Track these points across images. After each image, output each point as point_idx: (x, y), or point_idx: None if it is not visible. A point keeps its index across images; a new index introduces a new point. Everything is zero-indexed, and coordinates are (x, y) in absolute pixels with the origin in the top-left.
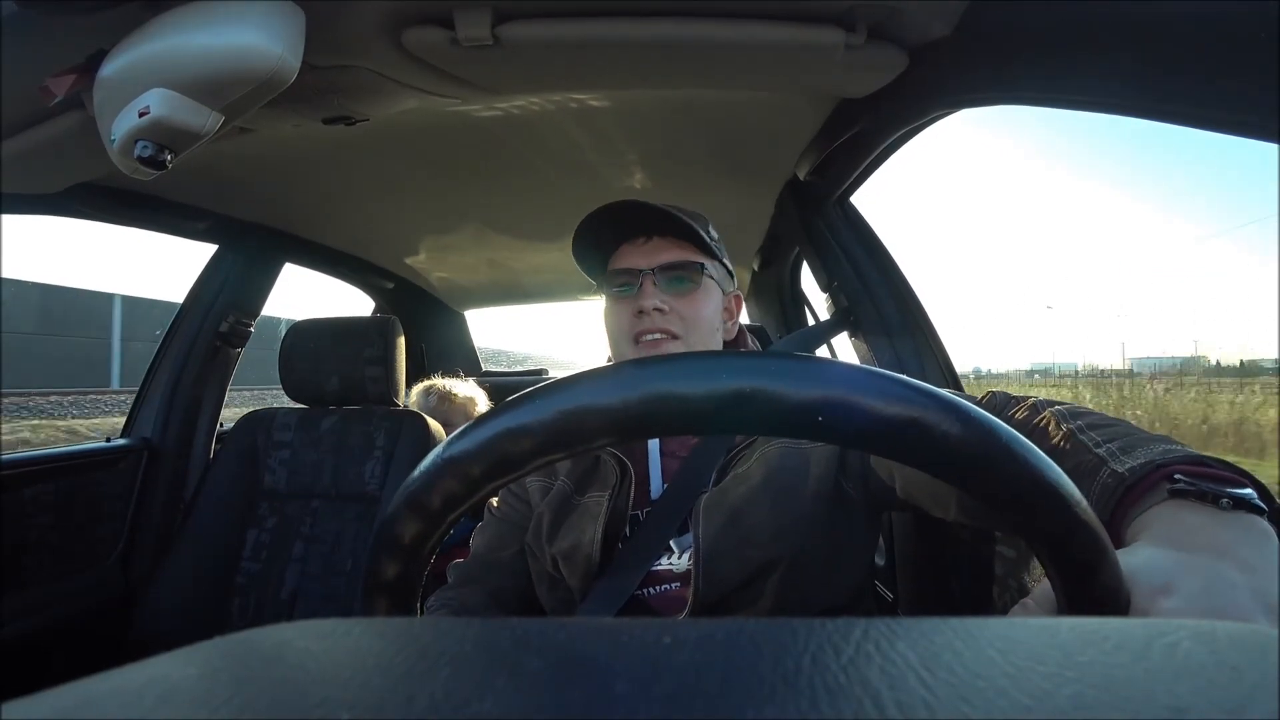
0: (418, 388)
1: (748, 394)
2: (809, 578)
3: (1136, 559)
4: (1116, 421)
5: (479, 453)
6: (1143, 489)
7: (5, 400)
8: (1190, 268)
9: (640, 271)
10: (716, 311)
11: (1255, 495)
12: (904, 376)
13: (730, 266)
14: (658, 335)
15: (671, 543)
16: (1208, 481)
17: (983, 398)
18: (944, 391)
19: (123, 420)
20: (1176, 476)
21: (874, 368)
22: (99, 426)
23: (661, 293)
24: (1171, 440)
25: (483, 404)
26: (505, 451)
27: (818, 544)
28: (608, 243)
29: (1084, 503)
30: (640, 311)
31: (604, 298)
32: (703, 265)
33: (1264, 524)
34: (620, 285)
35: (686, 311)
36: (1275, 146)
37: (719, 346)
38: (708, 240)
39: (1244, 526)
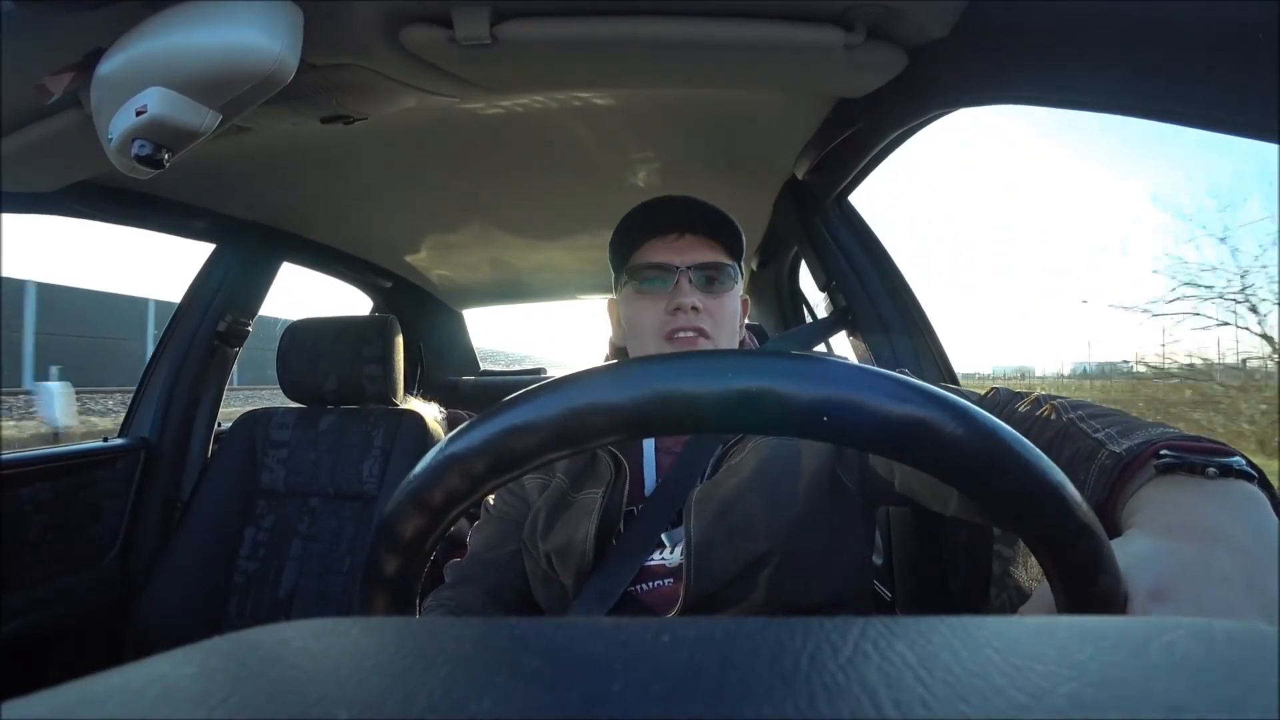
0: None
1: (755, 394)
2: (802, 571)
3: (1129, 555)
4: (1116, 411)
5: (483, 449)
6: (1136, 467)
7: None
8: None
9: (675, 268)
10: (738, 313)
11: (1242, 461)
12: (910, 378)
13: (742, 269)
14: (691, 333)
15: (664, 538)
16: (1194, 454)
17: (986, 394)
18: (949, 393)
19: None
20: (1163, 452)
21: (880, 369)
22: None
23: (696, 291)
24: (1171, 426)
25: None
26: (510, 448)
27: (811, 536)
28: (634, 236)
29: (1085, 506)
30: (677, 309)
31: (623, 290)
32: (733, 267)
33: (1252, 489)
34: (650, 280)
35: (717, 312)
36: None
37: (737, 347)
38: (740, 240)
39: (1232, 496)
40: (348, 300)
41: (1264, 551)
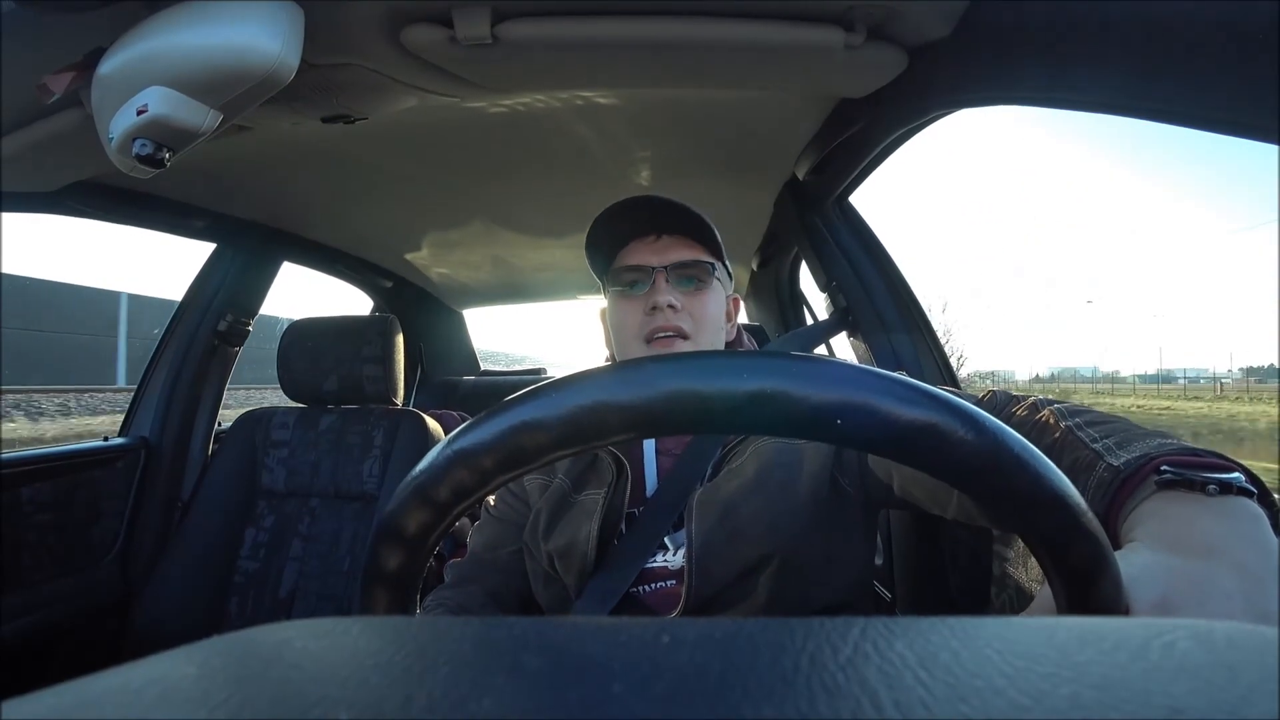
0: None
1: (768, 395)
2: (803, 575)
3: (1130, 567)
4: (1114, 418)
5: (493, 444)
6: (1136, 481)
7: None
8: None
9: (652, 269)
10: (722, 311)
11: (1242, 478)
12: (919, 382)
13: (730, 269)
14: (669, 333)
15: (667, 540)
16: (1195, 470)
17: (984, 396)
18: (958, 398)
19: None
20: (1164, 468)
21: (889, 372)
22: None
23: (674, 290)
24: (1168, 435)
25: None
26: (520, 444)
27: (812, 540)
28: (615, 241)
29: (1089, 513)
30: (654, 308)
31: (608, 295)
32: (713, 265)
33: (1253, 506)
34: (629, 282)
35: (697, 310)
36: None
37: (722, 347)
38: (717, 239)
39: (1232, 514)
40: (349, 300)
41: (1264, 569)
